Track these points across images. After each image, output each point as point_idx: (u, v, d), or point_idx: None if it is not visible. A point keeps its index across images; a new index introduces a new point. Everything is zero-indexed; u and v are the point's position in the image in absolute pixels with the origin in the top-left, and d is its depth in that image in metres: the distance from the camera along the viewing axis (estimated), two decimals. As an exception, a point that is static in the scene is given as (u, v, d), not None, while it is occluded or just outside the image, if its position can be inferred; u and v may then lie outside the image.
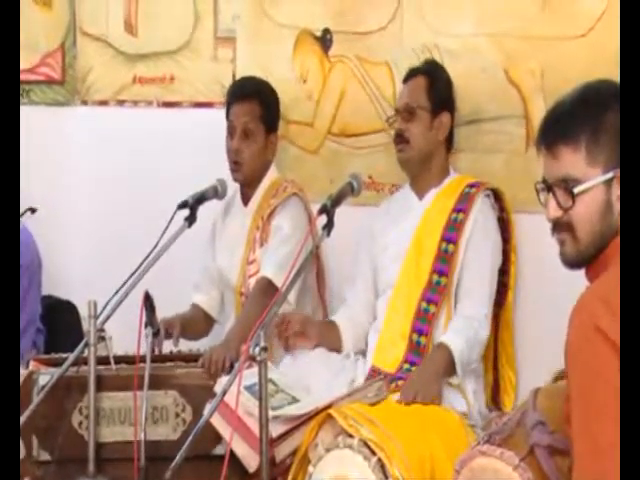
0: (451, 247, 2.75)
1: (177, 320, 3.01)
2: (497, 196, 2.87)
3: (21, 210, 3.05)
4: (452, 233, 2.78)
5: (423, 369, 2.66)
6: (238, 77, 3.39)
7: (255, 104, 3.10)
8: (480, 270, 2.76)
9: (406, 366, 2.71)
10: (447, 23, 3.05)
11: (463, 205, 2.81)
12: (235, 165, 3.09)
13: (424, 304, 2.75)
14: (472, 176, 2.94)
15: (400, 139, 2.88)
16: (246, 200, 3.17)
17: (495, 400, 2.88)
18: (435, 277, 2.76)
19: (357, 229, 3.01)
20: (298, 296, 3.03)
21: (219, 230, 3.22)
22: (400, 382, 2.68)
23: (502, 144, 2.98)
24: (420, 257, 2.79)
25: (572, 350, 1.60)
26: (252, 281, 3.04)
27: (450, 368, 2.67)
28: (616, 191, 1.70)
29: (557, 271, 2.06)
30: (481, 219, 2.80)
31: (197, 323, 3.17)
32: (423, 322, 2.74)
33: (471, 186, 2.85)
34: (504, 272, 2.85)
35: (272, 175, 3.16)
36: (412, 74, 2.95)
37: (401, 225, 2.88)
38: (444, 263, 2.76)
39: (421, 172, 2.90)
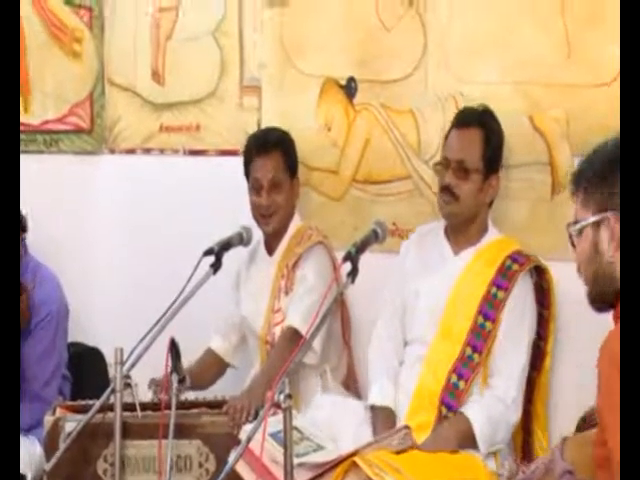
0: (488, 325, 2.70)
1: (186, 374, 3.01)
2: (538, 268, 2.82)
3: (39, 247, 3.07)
4: (490, 310, 2.72)
5: (437, 435, 2.65)
6: (264, 125, 3.44)
7: (278, 155, 3.15)
8: (514, 350, 2.73)
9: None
10: (472, 71, 3.09)
11: (504, 282, 2.73)
12: (266, 219, 3.13)
13: (454, 377, 2.72)
14: (496, 225, 2.94)
15: (449, 193, 2.80)
16: (271, 249, 3.21)
17: (525, 457, 2.83)
18: (468, 351, 2.73)
19: (382, 276, 3.03)
20: (323, 343, 3.05)
21: (243, 279, 3.26)
22: None
23: (527, 191, 2.99)
24: (454, 325, 2.73)
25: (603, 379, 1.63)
26: (277, 329, 3.07)
27: (466, 441, 2.65)
28: (604, 233, 1.79)
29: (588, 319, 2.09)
30: (521, 299, 2.75)
31: (206, 371, 3.18)
32: (452, 397, 2.72)
33: (514, 260, 2.76)
34: (542, 338, 2.82)
35: (296, 223, 3.20)
36: (466, 121, 2.85)
37: (435, 276, 2.82)
38: (479, 339, 2.71)
39: (461, 228, 2.85)
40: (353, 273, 2.53)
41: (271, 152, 3.15)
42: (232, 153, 3.53)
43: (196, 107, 3.63)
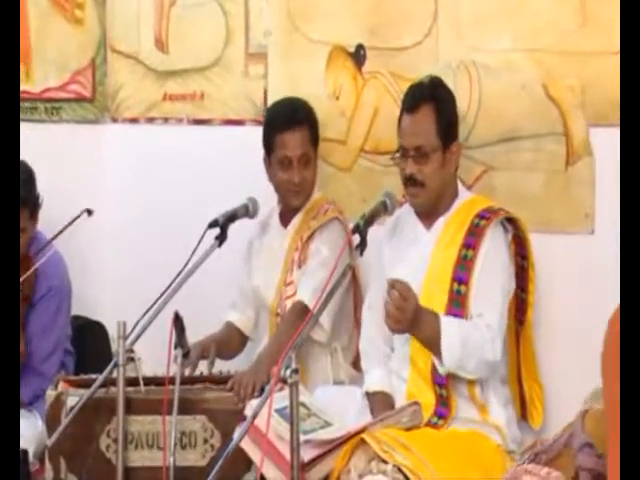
0: (463, 288, 2.70)
1: (211, 342, 3.02)
2: (513, 221, 2.81)
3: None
4: (463, 272, 2.71)
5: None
6: (270, 94, 3.41)
7: (306, 129, 3.10)
8: (491, 297, 2.71)
9: (434, 419, 2.68)
10: (484, 38, 3.05)
11: (472, 240, 2.72)
12: (295, 195, 3.10)
13: None
14: (508, 197, 2.92)
15: (412, 183, 2.76)
16: (285, 221, 3.18)
17: (523, 415, 2.86)
18: None
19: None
20: (334, 321, 3.03)
21: (256, 249, 3.23)
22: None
23: (541, 162, 2.96)
24: (434, 302, 2.71)
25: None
26: (289, 303, 3.04)
27: (431, 343, 2.61)
28: None
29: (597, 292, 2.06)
30: (492, 252, 2.73)
31: (231, 342, 3.18)
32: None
33: (481, 217, 2.76)
34: (523, 290, 2.82)
35: (314, 195, 3.17)
36: (416, 102, 2.80)
37: (409, 260, 2.81)
38: (457, 307, 2.70)
39: (432, 204, 2.82)
40: (361, 246, 2.52)
41: (300, 126, 3.10)
42: (237, 122, 3.50)
43: (200, 75, 3.59)
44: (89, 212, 3.05)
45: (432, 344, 2.63)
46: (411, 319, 2.56)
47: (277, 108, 3.20)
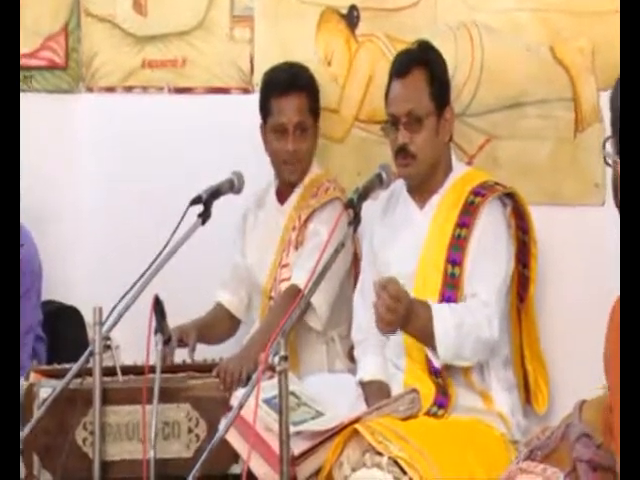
0: (457, 270, 2.68)
1: (192, 328, 3.01)
2: (511, 195, 2.80)
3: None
4: (456, 253, 2.70)
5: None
6: (257, 59, 3.39)
7: (305, 96, 3.08)
8: (487, 279, 2.69)
9: (434, 409, 2.66)
10: (486, -3, 3.04)
11: (466, 218, 2.71)
12: (290, 166, 3.08)
13: None
14: (513, 168, 2.92)
15: (404, 153, 2.75)
16: (282, 197, 3.16)
17: (528, 399, 2.86)
18: None
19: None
20: (333, 307, 3.01)
21: (250, 224, 3.21)
22: None
23: (548, 130, 2.96)
24: (428, 287, 2.71)
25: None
26: (284, 286, 3.02)
27: (424, 337, 2.60)
28: None
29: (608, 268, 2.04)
30: (488, 230, 2.72)
31: (218, 326, 3.16)
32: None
33: (476, 193, 2.75)
34: (525, 265, 2.82)
35: (314, 171, 3.14)
36: (405, 67, 2.79)
37: (402, 241, 2.80)
38: (452, 289, 2.69)
39: (423, 179, 2.81)
40: (355, 222, 2.50)
41: (298, 92, 3.08)
42: (222, 91, 3.48)
43: (182, 40, 3.56)
44: None
45: (425, 337, 2.62)
46: (403, 317, 2.54)
47: (275, 72, 3.18)
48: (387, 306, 2.50)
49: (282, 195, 3.16)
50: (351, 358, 3.04)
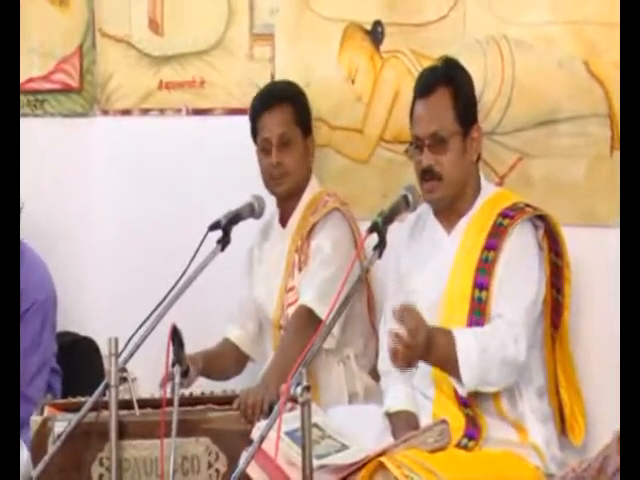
0: (484, 294, 2.70)
1: (199, 357, 3.04)
2: (544, 218, 2.81)
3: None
4: (483, 277, 2.72)
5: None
6: (278, 79, 3.44)
7: (287, 108, 3.16)
8: (514, 301, 2.70)
9: (464, 441, 2.68)
10: (517, 10, 3.06)
11: (494, 241, 2.73)
12: (277, 180, 3.15)
13: None
14: (546, 187, 2.93)
15: (429, 176, 2.77)
16: (284, 220, 3.22)
17: (563, 430, 2.87)
18: None
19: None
20: (343, 327, 3.05)
21: (256, 257, 3.27)
22: None
23: (583, 148, 2.97)
24: (454, 314, 2.73)
25: None
26: (291, 310, 3.07)
27: (448, 365, 2.60)
28: None
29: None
30: (517, 253, 2.73)
31: (225, 360, 3.21)
32: None
33: (505, 215, 2.77)
34: (558, 290, 2.83)
35: (313, 189, 3.20)
36: (431, 84, 2.81)
37: (429, 267, 2.82)
38: (479, 315, 2.71)
39: (451, 202, 2.83)
40: (380, 246, 2.53)
41: (278, 106, 3.16)
42: (241, 112, 3.52)
43: (200, 60, 3.63)
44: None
45: (448, 366, 2.63)
46: (422, 350, 2.55)
47: (259, 92, 3.27)
48: (404, 342, 2.51)
49: (284, 217, 3.21)
50: (373, 376, 3.07)
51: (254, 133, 3.21)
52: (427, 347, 2.56)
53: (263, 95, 3.23)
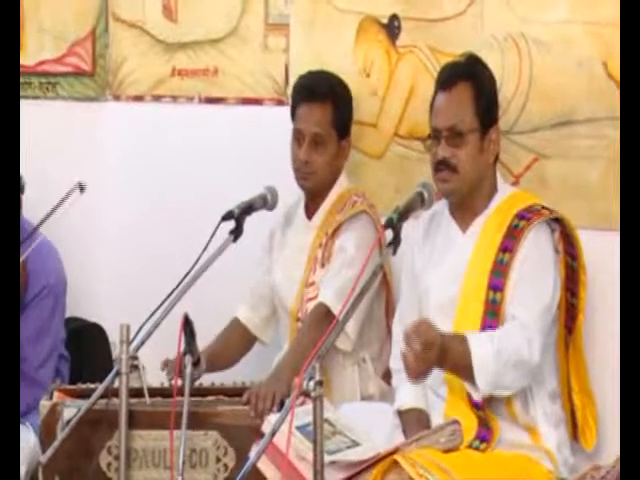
0: (498, 296, 2.70)
1: (202, 357, 3.00)
2: (560, 220, 2.81)
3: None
4: (498, 279, 2.71)
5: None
6: (292, 69, 3.43)
7: (327, 107, 3.12)
8: (528, 303, 2.68)
9: (476, 443, 2.67)
10: (536, 8, 3.03)
11: (510, 242, 2.72)
12: (303, 176, 3.13)
13: None
14: (562, 189, 2.92)
15: (444, 167, 2.76)
16: (310, 213, 3.20)
17: (575, 435, 2.86)
18: None
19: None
20: (362, 329, 3.04)
21: (278, 242, 3.25)
22: None
23: (599, 149, 2.96)
24: (468, 315, 2.71)
25: None
26: (310, 305, 3.06)
27: (462, 371, 2.60)
28: None
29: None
30: (533, 256, 2.72)
31: (230, 346, 3.17)
32: None
33: (521, 217, 2.76)
34: (573, 294, 2.82)
35: (342, 185, 3.18)
36: (453, 78, 2.81)
37: (443, 266, 2.81)
38: (493, 317, 2.69)
39: (467, 200, 2.82)
40: (395, 243, 2.53)
41: (317, 101, 3.11)
42: (255, 101, 3.52)
43: (214, 48, 3.61)
44: (81, 188, 2.92)
45: (463, 372, 2.62)
46: (435, 360, 2.54)
47: (304, 78, 3.22)
48: (417, 355, 2.49)
49: (310, 210, 3.20)
50: (386, 381, 3.07)
51: (293, 116, 3.16)
52: (441, 355, 2.55)
53: (307, 84, 3.16)
